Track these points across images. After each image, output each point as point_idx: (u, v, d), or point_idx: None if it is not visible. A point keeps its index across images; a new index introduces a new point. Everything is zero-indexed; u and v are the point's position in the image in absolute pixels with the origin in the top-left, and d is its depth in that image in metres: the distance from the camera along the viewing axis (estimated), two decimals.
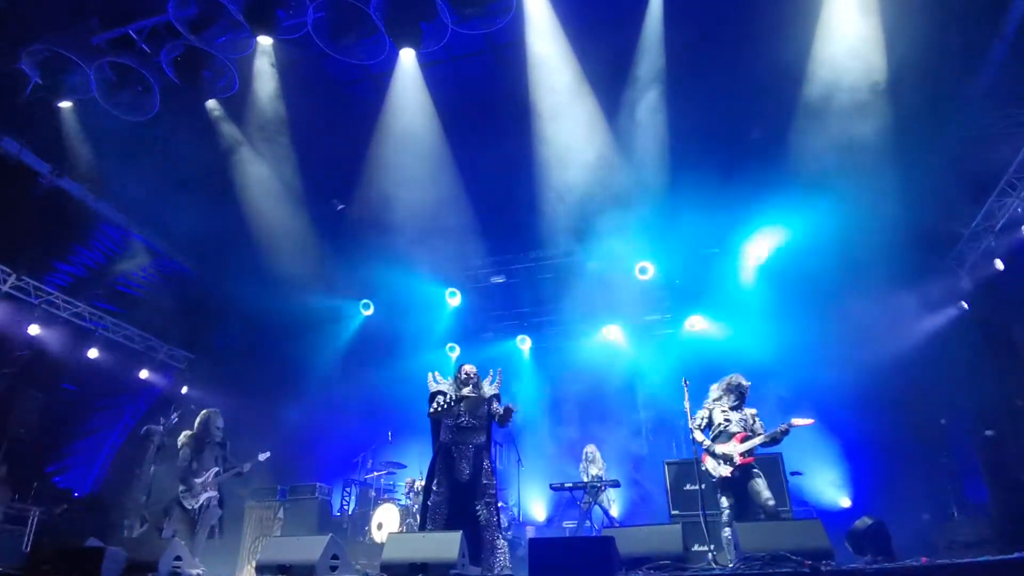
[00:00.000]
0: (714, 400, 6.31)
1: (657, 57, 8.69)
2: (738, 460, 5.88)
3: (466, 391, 5.62)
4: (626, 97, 9.10)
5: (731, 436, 6.01)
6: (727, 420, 6.10)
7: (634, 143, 9.28)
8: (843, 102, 8.31)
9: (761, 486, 5.80)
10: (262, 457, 7.40)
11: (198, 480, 6.78)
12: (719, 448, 5.99)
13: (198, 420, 7.13)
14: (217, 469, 6.95)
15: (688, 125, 9.08)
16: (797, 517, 7.25)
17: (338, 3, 7.32)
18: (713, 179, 9.41)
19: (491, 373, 5.91)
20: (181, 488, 6.74)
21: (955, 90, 8.21)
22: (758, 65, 8.24)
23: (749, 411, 6.20)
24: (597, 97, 9.03)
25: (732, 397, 6.21)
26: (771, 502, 5.72)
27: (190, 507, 6.65)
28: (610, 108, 9.20)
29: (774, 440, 5.92)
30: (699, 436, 6.17)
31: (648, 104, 9.04)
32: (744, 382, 6.26)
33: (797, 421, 5.85)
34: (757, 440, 5.91)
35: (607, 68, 8.83)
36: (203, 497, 6.75)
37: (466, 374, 5.78)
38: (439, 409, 5.47)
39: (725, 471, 5.89)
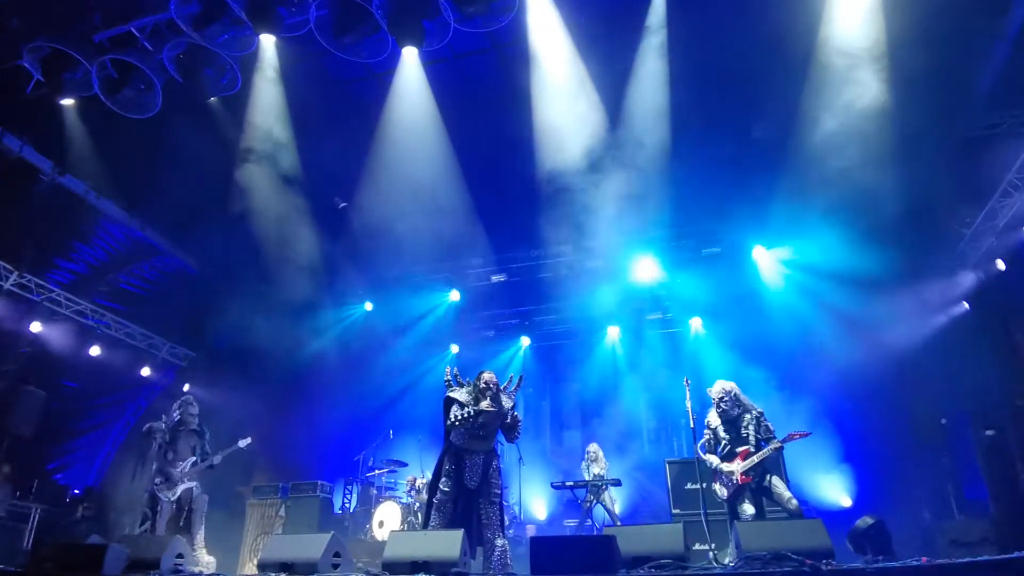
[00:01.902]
0: (716, 417, 6.12)
1: (663, 54, 8.68)
2: (738, 480, 5.85)
3: (484, 404, 5.39)
4: (631, 94, 9.08)
5: (735, 455, 5.94)
6: (728, 436, 5.98)
7: (638, 141, 9.26)
8: (844, 103, 8.30)
9: (779, 487, 5.80)
10: (243, 443, 7.18)
11: (175, 470, 6.60)
12: (724, 467, 5.95)
13: (172, 408, 7.01)
14: (194, 459, 6.76)
15: (692, 123, 9.06)
16: None
17: (340, 1, 7.31)
18: (714, 176, 9.43)
19: (510, 379, 5.77)
20: (157, 480, 6.54)
21: (958, 91, 8.20)
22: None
23: (753, 414, 6.00)
24: (601, 95, 9.01)
25: (724, 406, 6.02)
26: (793, 502, 5.70)
27: (166, 499, 6.47)
28: (614, 106, 9.18)
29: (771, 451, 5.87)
30: (708, 459, 6.06)
31: (652, 100, 9.01)
32: (727, 386, 6.05)
33: (792, 435, 5.83)
34: (755, 458, 5.83)
35: (611, 66, 8.81)
36: (181, 488, 6.57)
37: (485, 383, 5.51)
38: (456, 423, 5.36)
39: (724, 493, 5.93)
